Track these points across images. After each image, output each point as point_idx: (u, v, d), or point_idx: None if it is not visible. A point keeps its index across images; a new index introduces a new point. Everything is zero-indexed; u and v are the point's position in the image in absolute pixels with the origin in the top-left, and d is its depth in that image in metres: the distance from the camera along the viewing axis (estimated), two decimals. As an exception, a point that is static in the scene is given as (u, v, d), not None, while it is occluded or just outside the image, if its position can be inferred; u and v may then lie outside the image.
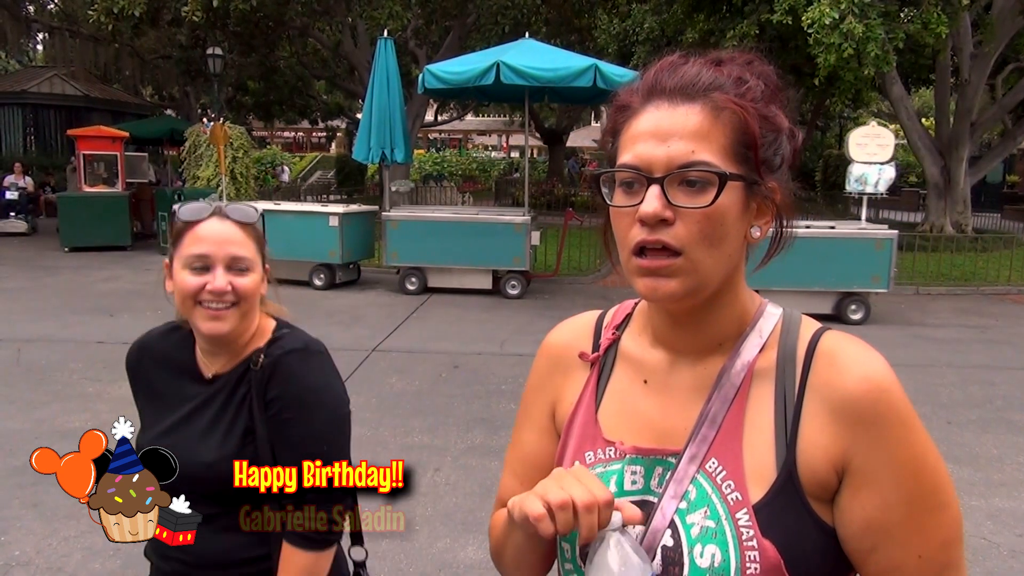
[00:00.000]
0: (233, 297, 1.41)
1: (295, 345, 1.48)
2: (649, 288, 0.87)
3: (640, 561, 0.83)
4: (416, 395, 6.08)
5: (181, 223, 1.44)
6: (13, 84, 23.27)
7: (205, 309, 1.41)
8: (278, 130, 44.67)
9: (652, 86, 0.89)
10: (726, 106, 0.85)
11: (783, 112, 0.90)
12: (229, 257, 1.42)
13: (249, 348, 1.49)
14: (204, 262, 1.41)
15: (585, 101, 14.87)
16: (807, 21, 10.80)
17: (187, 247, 1.42)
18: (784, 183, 0.91)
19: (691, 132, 0.85)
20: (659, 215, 0.84)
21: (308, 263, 10.52)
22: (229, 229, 1.44)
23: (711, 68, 0.88)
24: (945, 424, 5.58)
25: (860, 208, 10.03)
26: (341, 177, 28.32)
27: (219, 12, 15.09)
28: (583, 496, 0.81)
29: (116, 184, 14.82)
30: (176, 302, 1.46)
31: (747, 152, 0.86)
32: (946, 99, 16.17)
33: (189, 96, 27.81)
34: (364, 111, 11.23)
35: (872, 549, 0.85)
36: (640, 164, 0.86)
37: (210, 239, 1.42)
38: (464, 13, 18.42)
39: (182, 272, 1.41)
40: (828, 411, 0.86)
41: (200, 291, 1.40)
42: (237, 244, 1.43)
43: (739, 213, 0.87)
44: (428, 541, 3.75)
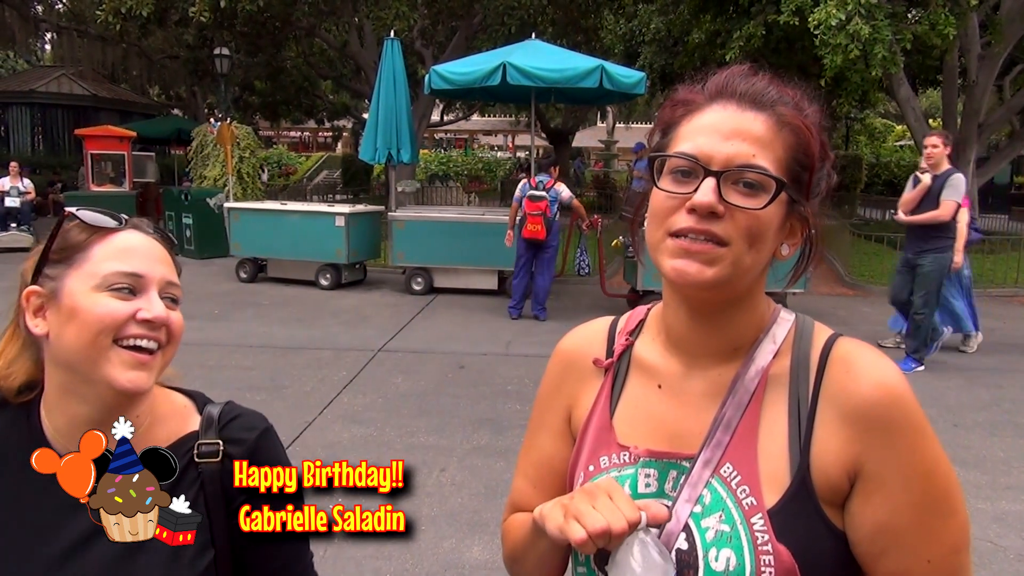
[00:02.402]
0: (164, 336, 1.03)
1: (263, 424, 1.13)
2: (680, 271, 0.87)
3: (663, 561, 0.84)
4: (422, 395, 6.08)
5: (83, 231, 1.04)
6: (21, 84, 23.38)
7: (128, 351, 0.99)
8: (284, 130, 44.73)
9: (722, 87, 0.91)
10: (792, 122, 0.88)
11: (827, 149, 0.93)
12: (164, 280, 1.05)
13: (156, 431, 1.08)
14: (135, 282, 1.01)
15: (591, 102, 14.88)
16: (813, 22, 10.77)
17: (104, 261, 1.01)
18: (817, 212, 0.93)
19: (755, 137, 0.87)
20: (712, 207, 0.85)
21: (314, 263, 10.55)
22: (158, 246, 1.08)
23: (777, 86, 0.91)
24: (952, 427, 5.57)
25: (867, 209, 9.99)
26: (347, 177, 28.35)
27: (226, 12, 15.13)
28: (618, 524, 0.81)
29: (123, 183, 14.89)
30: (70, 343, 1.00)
31: (801, 171, 0.89)
32: (954, 100, 16.10)
33: (196, 96, 27.88)
34: (370, 111, 11.24)
35: (881, 554, 0.86)
36: (700, 155, 0.87)
37: (142, 253, 1.04)
38: (470, 14, 18.42)
39: (95, 295, 0.99)
40: (841, 417, 0.87)
41: (127, 322, 0.99)
42: (168, 266, 1.07)
43: (778, 226, 0.89)
44: (434, 541, 3.76)
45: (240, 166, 14.66)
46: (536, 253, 8.70)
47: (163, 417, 1.10)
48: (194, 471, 1.06)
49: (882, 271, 12.04)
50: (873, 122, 33.52)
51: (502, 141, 47.87)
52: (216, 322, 8.53)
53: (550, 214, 8.46)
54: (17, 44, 26.53)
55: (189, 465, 1.06)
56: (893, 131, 35.84)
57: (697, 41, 13.56)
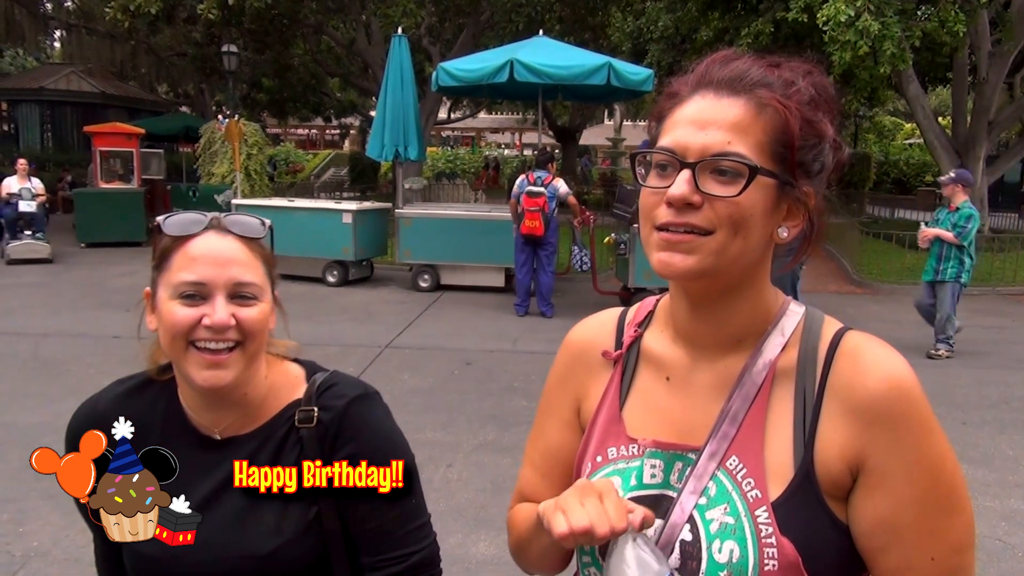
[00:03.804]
0: (237, 335, 1.09)
1: (355, 391, 1.19)
2: (664, 262, 0.88)
3: (657, 564, 0.84)
4: (429, 392, 6.09)
5: (168, 239, 1.12)
6: (31, 81, 23.48)
7: (200, 352, 1.08)
8: (292, 127, 44.85)
9: (702, 76, 0.91)
10: (769, 103, 0.87)
11: (831, 122, 0.91)
12: (232, 282, 1.09)
13: (271, 401, 1.19)
14: (199, 290, 1.08)
15: (598, 99, 14.84)
16: (822, 19, 10.73)
17: (177, 270, 1.09)
18: (820, 190, 0.92)
19: (730, 124, 0.86)
20: (686, 198, 0.85)
21: (321, 260, 10.57)
22: (231, 246, 1.11)
23: (764, 67, 0.90)
24: (960, 425, 5.55)
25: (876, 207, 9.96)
26: (355, 174, 28.40)
27: (234, 10, 15.17)
28: (602, 527, 0.82)
29: (132, 180, 14.94)
30: (162, 343, 1.12)
31: (784, 152, 0.87)
32: (963, 98, 16.01)
33: (204, 93, 27.99)
34: (378, 108, 11.26)
35: (883, 549, 0.86)
36: (676, 148, 0.88)
37: (207, 259, 1.09)
38: (478, 11, 18.42)
39: (170, 303, 1.08)
40: (846, 410, 0.87)
41: (195, 327, 1.07)
42: (241, 266, 1.11)
43: (767, 210, 0.88)
44: (440, 536, 3.73)
45: (248, 163, 14.69)
46: (535, 250, 8.70)
47: (278, 388, 1.20)
48: (295, 435, 1.16)
49: (891, 269, 12.00)
50: (882, 120, 33.38)
51: (509, 139, 47.86)
52: (224, 318, 8.55)
53: (548, 210, 8.45)
54: (27, 41, 26.69)
55: (291, 430, 1.16)
56: (902, 129, 35.68)
57: (705, 38, 13.53)
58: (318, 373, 1.23)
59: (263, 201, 12.07)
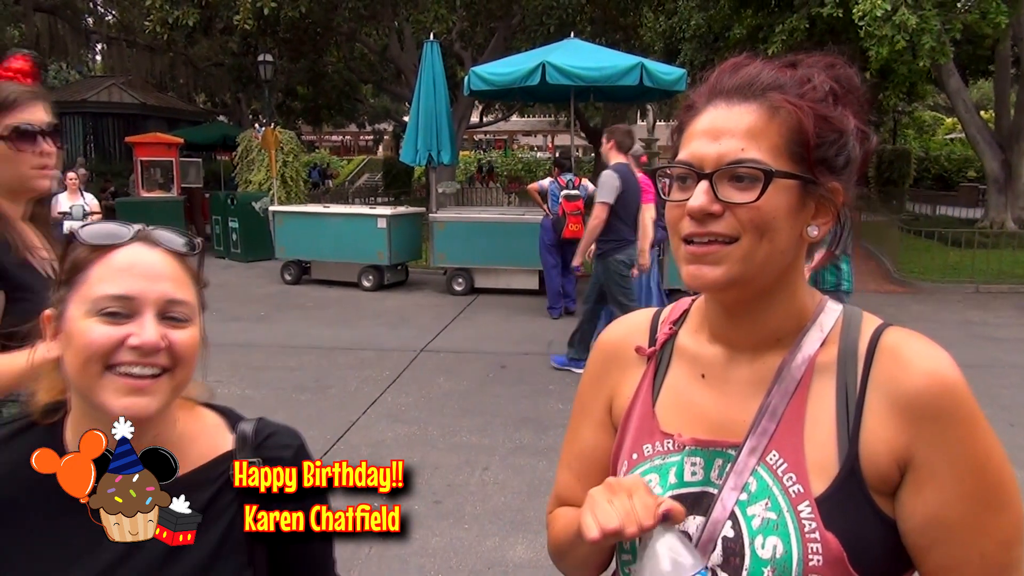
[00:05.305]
0: (166, 360, 0.94)
1: (296, 440, 1.08)
2: (692, 275, 0.90)
3: (692, 561, 0.84)
4: (464, 395, 6.12)
5: (84, 249, 0.97)
6: (74, 94, 24.05)
7: (121, 377, 0.92)
8: (326, 134, 45.36)
9: (713, 87, 0.92)
10: (781, 105, 0.87)
11: (855, 114, 0.90)
12: (164, 299, 0.95)
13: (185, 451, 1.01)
14: (126, 305, 0.93)
15: (631, 100, 14.76)
16: (858, 13, 10.56)
17: (96, 284, 0.94)
18: (850, 183, 0.91)
19: (744, 131, 0.87)
20: (705, 209, 0.87)
21: (357, 265, 10.67)
22: (162, 260, 0.98)
23: (775, 69, 0.90)
24: (1008, 427, 5.41)
25: (916, 204, 9.78)
26: (388, 179, 28.64)
27: (269, 20, 15.39)
28: (631, 525, 0.84)
29: (171, 189, 15.25)
30: (69, 370, 0.95)
31: (802, 151, 0.87)
32: (1006, 90, 15.65)
33: (241, 102, 28.41)
34: (411, 114, 11.33)
35: (932, 546, 0.85)
36: (692, 160, 0.89)
37: (136, 271, 0.95)
38: (509, 14, 18.45)
39: (84, 321, 0.93)
40: (891, 406, 0.86)
41: (117, 348, 0.92)
42: (174, 282, 0.97)
43: (791, 211, 0.88)
44: (477, 539, 3.78)
45: (284, 170, 14.89)
46: (563, 253, 8.71)
47: (193, 437, 1.05)
48: (229, 493, 1.00)
49: (932, 268, 11.75)
50: (922, 115, 32.71)
51: (541, 141, 47.85)
52: (262, 323, 8.70)
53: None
54: (69, 55, 27.34)
55: (224, 487, 1.00)
56: (943, 124, 34.94)
57: (738, 36, 13.39)
58: (243, 422, 1.08)
59: (299, 207, 12.22)
